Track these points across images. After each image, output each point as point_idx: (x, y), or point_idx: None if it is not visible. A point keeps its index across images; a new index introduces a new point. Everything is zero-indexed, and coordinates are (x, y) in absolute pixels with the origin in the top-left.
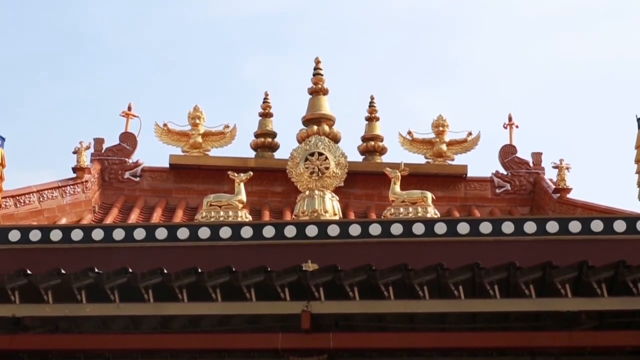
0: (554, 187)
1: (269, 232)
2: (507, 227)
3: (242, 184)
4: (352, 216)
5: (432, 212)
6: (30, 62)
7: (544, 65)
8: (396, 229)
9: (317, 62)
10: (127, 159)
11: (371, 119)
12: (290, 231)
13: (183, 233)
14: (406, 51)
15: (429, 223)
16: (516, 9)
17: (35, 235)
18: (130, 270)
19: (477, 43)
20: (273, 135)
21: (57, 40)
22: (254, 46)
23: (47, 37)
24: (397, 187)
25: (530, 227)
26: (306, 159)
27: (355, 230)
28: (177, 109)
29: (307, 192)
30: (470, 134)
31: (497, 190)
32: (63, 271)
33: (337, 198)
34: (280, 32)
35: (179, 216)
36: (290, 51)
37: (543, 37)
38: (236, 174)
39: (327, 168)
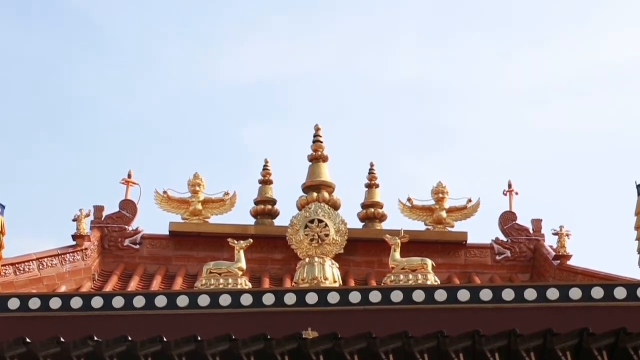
0: (554, 254)
1: (269, 299)
2: (508, 295)
3: (242, 252)
4: (352, 283)
5: (433, 280)
6: (29, 129)
7: (541, 133)
8: (396, 297)
9: (317, 129)
10: (127, 227)
11: (371, 186)
12: (290, 299)
13: (183, 301)
14: (405, 118)
15: (430, 290)
16: (510, 80)
17: (34, 304)
18: (130, 338)
19: (474, 112)
20: (273, 202)
21: (57, 107)
22: (254, 113)
23: (47, 103)
24: (398, 255)
25: (530, 294)
26: (306, 227)
27: (355, 297)
28: (177, 177)
29: (307, 260)
30: (470, 201)
31: (498, 257)
32: (62, 339)
33: (337, 265)
34: (280, 100)
35: (178, 284)
36: (290, 118)
37: (539, 106)
38: (236, 242)
39: (327, 235)
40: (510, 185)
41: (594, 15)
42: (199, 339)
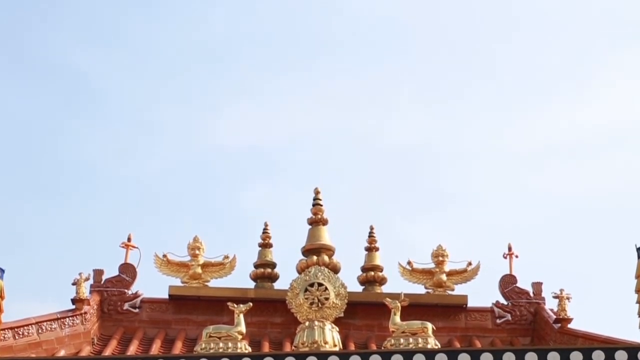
0: (554, 317)
1: None
2: (509, 358)
3: (241, 315)
4: (352, 347)
5: (433, 343)
6: (28, 192)
7: (540, 195)
8: None
9: (317, 192)
10: (126, 290)
11: (371, 249)
12: None
13: None
14: (404, 181)
15: (430, 354)
16: (509, 143)
17: None
18: None
19: (473, 174)
20: (272, 265)
21: (56, 170)
22: (253, 176)
23: (45, 166)
24: (398, 318)
25: (531, 357)
26: (306, 290)
27: None
28: (177, 240)
29: (307, 323)
30: (470, 264)
31: (498, 321)
32: None
33: (337, 329)
34: (279, 162)
35: (178, 348)
36: (289, 181)
37: (538, 168)
38: (235, 305)
39: (326, 299)
40: (510, 248)
41: (592, 77)
42: None
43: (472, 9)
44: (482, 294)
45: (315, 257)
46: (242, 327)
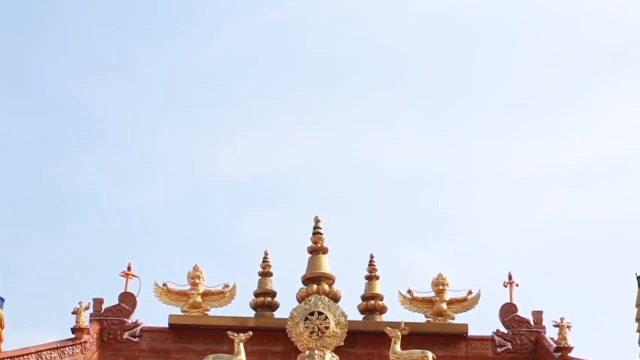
0: (555, 345)
1: None
2: None
3: (241, 344)
4: None
5: None
6: (29, 221)
7: (540, 222)
8: None
9: (317, 220)
10: (126, 319)
11: (371, 277)
12: None
13: None
14: (404, 208)
15: None
16: (509, 169)
17: None
18: None
19: (473, 201)
20: (273, 294)
21: (56, 199)
22: (253, 204)
23: (46, 195)
24: (398, 347)
25: None
26: (306, 319)
27: None
28: (177, 269)
29: (307, 352)
30: (470, 292)
31: (499, 349)
32: None
33: (338, 358)
34: (279, 191)
35: None
36: (289, 209)
37: (538, 196)
38: (236, 334)
39: (327, 327)
40: (510, 277)
41: (592, 104)
42: None
43: (471, 37)
44: (482, 322)
45: (315, 286)
46: (243, 356)
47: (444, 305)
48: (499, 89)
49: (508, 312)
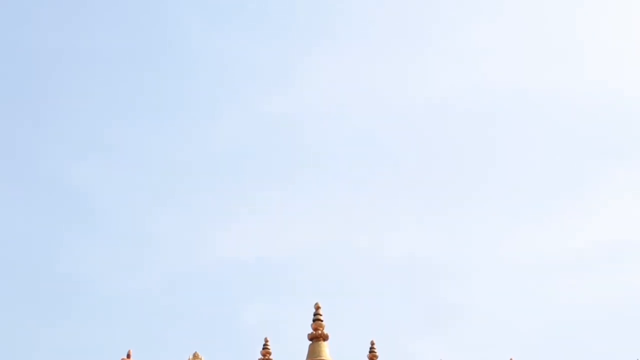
0: None
1: None
2: None
3: None
4: None
5: None
6: (25, 310)
7: (541, 307)
8: None
9: (317, 307)
10: None
11: None
12: None
13: None
14: (406, 295)
15: None
16: (508, 256)
17: None
18: None
19: (473, 287)
20: None
21: (55, 286)
22: (253, 290)
23: (44, 283)
24: None
25: None
26: None
27: None
28: (177, 355)
29: None
30: None
31: None
32: None
33: None
34: (279, 276)
35: None
36: (289, 295)
37: (541, 281)
38: None
39: None
40: None
41: (593, 192)
42: None
43: (466, 127)
44: None
45: None
46: None
47: None
48: (498, 174)
49: None
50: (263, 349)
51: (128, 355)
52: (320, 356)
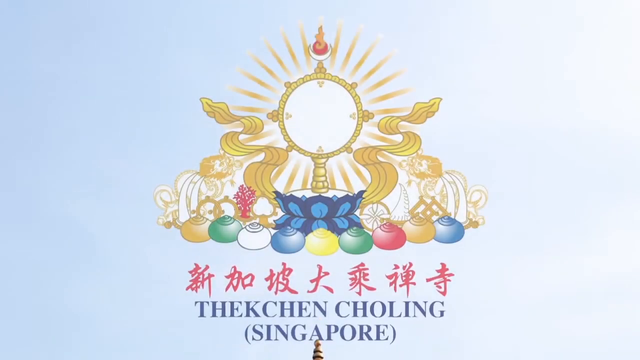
0: None
1: None
2: None
3: None
4: None
5: None
6: (23, 350)
7: (546, 346)
8: None
9: (317, 344)
10: None
11: None
12: None
13: None
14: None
15: None
16: (510, 295)
17: None
18: None
19: (475, 327)
20: None
21: (55, 322)
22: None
23: (46, 318)
24: None
25: None
26: None
27: None
28: None
29: None
30: None
31: None
32: None
33: None
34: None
35: None
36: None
37: (543, 320)
38: None
39: None
40: None
41: (595, 228)
42: None
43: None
44: None
45: None
46: None
47: None
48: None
49: None
50: None
51: None
52: None
